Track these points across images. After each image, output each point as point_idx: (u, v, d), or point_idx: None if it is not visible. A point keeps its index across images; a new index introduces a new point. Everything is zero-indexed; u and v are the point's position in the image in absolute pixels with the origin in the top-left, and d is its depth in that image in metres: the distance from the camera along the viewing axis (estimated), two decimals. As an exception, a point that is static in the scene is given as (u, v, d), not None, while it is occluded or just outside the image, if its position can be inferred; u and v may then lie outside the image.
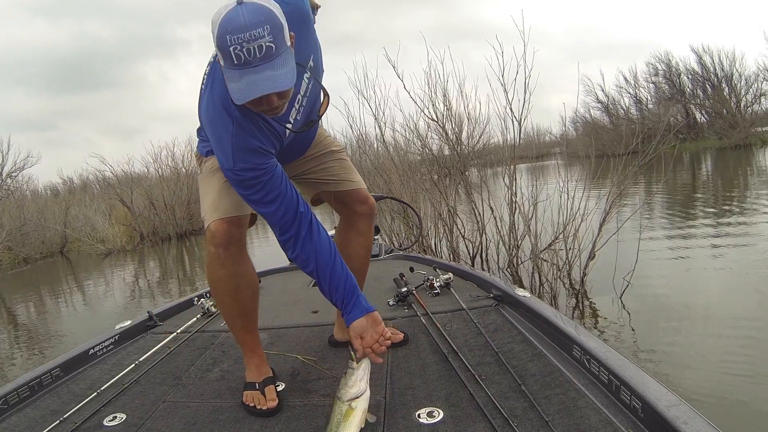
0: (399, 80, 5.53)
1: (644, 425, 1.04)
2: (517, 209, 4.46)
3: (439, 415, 1.22)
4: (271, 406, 1.36)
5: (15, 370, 4.11)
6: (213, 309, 2.28)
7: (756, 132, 23.41)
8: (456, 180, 5.71)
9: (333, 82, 1.55)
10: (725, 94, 25.76)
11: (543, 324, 1.58)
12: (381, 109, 6.22)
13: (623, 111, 29.36)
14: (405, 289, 2.12)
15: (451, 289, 2.16)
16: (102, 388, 1.59)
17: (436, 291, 2.16)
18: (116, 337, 2.02)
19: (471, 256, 5.13)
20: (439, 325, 1.78)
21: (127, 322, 2.16)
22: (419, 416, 1.23)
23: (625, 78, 29.56)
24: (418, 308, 2.00)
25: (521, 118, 4.37)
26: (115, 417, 1.42)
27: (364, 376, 1.21)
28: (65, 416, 1.42)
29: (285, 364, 1.67)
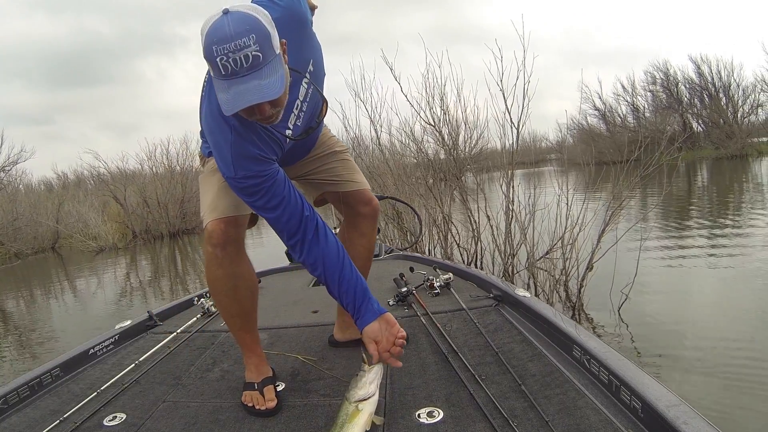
0: (396, 83, 5.47)
1: (644, 425, 1.04)
2: (513, 217, 4.39)
3: (439, 415, 1.22)
4: (269, 407, 1.36)
5: (3, 369, 4.07)
6: (213, 309, 2.27)
7: (752, 142, 23.51)
8: (452, 185, 5.62)
9: (330, 84, 1.54)
10: (722, 104, 25.89)
11: (543, 324, 1.58)
12: (377, 112, 6.21)
13: (620, 119, 29.48)
14: (405, 289, 2.13)
15: (451, 289, 2.17)
16: (102, 388, 1.59)
17: (436, 291, 2.17)
18: (116, 336, 2.02)
19: (466, 264, 5.07)
20: (439, 325, 1.78)
21: (127, 322, 2.16)
22: (419, 416, 1.23)
23: (623, 86, 29.72)
24: (418, 308, 2.00)
25: (519, 124, 4.31)
26: (115, 417, 1.41)
27: (375, 380, 1.22)
28: (65, 416, 1.42)
29: (285, 364, 1.67)
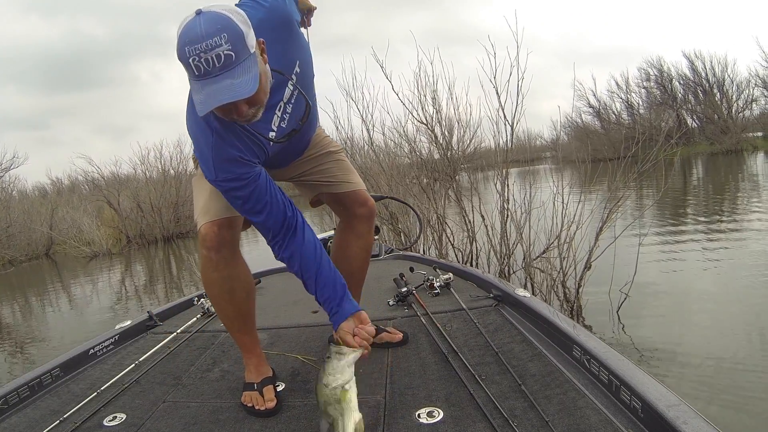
0: (387, 81, 5.38)
1: (644, 425, 1.05)
2: (509, 216, 4.34)
3: (439, 415, 1.23)
4: (269, 407, 1.36)
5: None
6: (213, 309, 2.26)
7: (747, 137, 23.62)
8: (446, 185, 5.56)
9: (322, 85, 1.53)
10: (717, 99, 25.99)
11: (543, 324, 1.59)
12: (369, 112, 6.12)
13: (615, 116, 29.55)
14: (405, 289, 2.13)
15: (451, 289, 2.17)
16: (102, 388, 1.59)
17: (436, 291, 2.17)
18: (116, 337, 2.01)
19: (462, 265, 5.05)
20: (439, 325, 1.79)
21: (127, 322, 2.16)
22: (419, 416, 1.24)
23: (617, 83, 29.76)
24: (418, 308, 2.01)
25: (514, 121, 4.26)
26: (115, 417, 1.41)
27: (353, 363, 1.17)
28: (65, 416, 1.42)
29: (285, 364, 1.67)
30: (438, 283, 2.20)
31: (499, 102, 4.27)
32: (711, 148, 23.48)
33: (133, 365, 1.76)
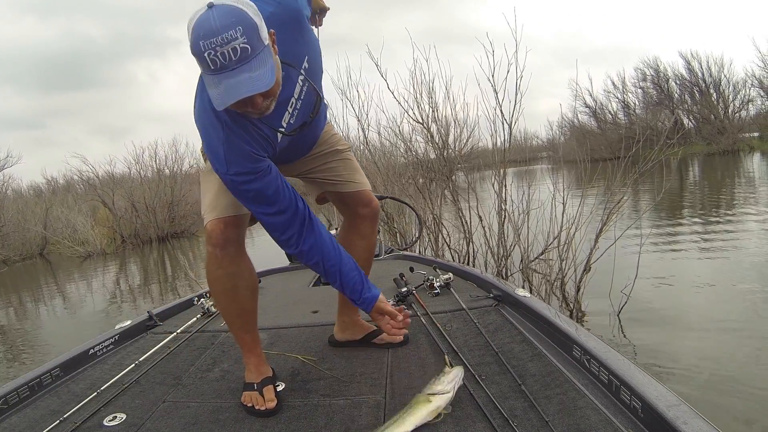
0: (383, 79, 5.33)
1: (644, 425, 1.05)
2: (506, 217, 4.32)
3: (439, 415, 1.23)
4: (269, 407, 1.36)
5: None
6: (213, 309, 2.27)
7: (744, 138, 23.71)
8: (442, 185, 5.53)
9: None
10: (713, 99, 26.07)
11: (543, 324, 1.59)
12: (365, 110, 6.08)
13: (611, 116, 29.62)
14: (405, 289, 2.13)
15: (451, 289, 2.18)
16: (102, 388, 1.58)
17: (436, 291, 2.17)
18: (116, 336, 2.01)
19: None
20: (439, 325, 1.79)
21: (127, 322, 2.15)
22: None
23: (613, 83, 29.82)
24: (418, 308, 2.01)
25: (512, 120, 4.24)
26: (115, 417, 1.41)
27: (454, 380, 1.26)
28: (65, 416, 1.41)
29: (285, 364, 1.67)
30: (438, 283, 2.20)
31: (497, 100, 4.25)
32: (707, 148, 23.56)
33: (133, 365, 1.76)
